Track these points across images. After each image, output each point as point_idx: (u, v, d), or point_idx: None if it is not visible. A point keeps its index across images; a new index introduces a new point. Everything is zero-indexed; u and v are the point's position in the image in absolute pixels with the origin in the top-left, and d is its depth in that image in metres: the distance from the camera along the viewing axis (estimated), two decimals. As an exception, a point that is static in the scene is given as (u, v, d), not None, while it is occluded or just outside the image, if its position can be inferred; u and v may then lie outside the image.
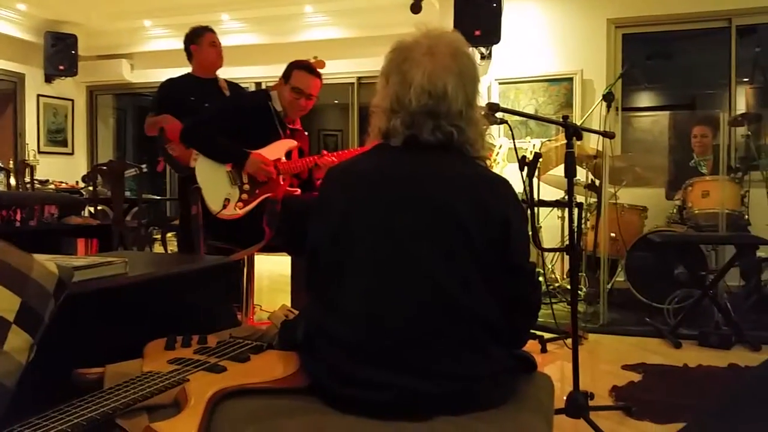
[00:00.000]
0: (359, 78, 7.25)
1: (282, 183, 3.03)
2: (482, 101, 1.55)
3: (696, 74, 7.24)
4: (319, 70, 3.22)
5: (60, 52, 7.57)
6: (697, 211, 4.25)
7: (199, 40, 3.73)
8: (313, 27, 7.15)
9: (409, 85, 1.28)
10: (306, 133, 3.32)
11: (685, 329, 3.63)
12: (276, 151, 3.05)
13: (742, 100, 5.48)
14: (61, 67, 7.61)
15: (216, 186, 2.95)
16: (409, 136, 1.30)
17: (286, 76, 3.10)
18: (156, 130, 3.59)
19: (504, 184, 1.33)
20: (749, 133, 4.47)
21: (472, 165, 1.33)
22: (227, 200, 2.92)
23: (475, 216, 1.22)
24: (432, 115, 1.28)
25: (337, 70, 7.09)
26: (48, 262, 1.21)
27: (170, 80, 3.80)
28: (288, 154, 3.10)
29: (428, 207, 1.24)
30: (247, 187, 2.97)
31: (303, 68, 3.08)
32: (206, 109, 3.41)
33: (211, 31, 3.80)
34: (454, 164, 1.30)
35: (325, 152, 3.14)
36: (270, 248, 3.01)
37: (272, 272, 5.21)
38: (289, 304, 2.74)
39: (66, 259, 1.50)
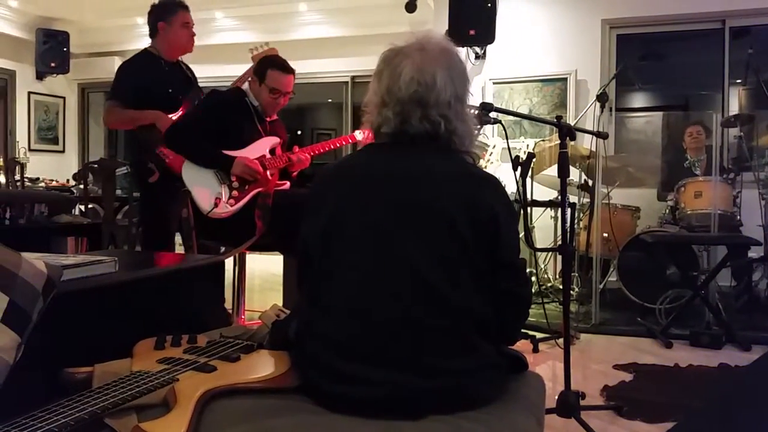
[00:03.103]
0: (353, 77, 7.24)
1: (270, 178, 3.03)
2: (476, 101, 1.57)
3: (689, 75, 7.26)
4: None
5: (52, 49, 7.53)
6: (689, 212, 4.26)
7: (171, 18, 3.27)
8: (307, 25, 7.13)
9: (399, 75, 1.32)
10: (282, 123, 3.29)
11: (676, 329, 3.65)
12: (260, 149, 3.05)
13: (735, 101, 5.50)
14: (53, 65, 7.57)
15: (204, 186, 2.93)
16: (399, 126, 1.32)
17: (260, 75, 3.02)
18: (131, 125, 3.27)
19: (492, 180, 1.34)
20: (742, 134, 4.49)
21: (460, 162, 1.35)
22: (218, 199, 2.91)
23: (463, 212, 1.23)
24: (421, 104, 1.31)
25: (331, 68, 7.09)
26: (37, 261, 1.20)
27: (131, 63, 3.37)
28: (272, 150, 3.10)
29: (417, 203, 1.25)
30: (236, 184, 2.96)
31: (277, 67, 3.02)
32: (186, 112, 3.22)
33: (186, 8, 3.35)
34: (443, 161, 1.32)
35: (296, 148, 3.13)
36: (261, 247, 3.00)
37: (264, 271, 5.19)
38: (280, 303, 2.73)
39: (55, 257, 1.49)
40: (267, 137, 3.10)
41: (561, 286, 2.89)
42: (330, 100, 8.93)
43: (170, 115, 3.23)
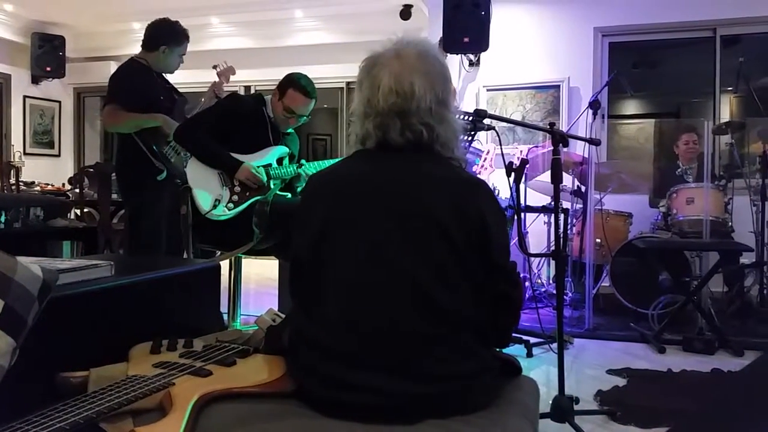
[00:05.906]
0: (348, 83, 7.26)
1: (272, 187, 3.04)
2: (470, 108, 1.57)
3: (681, 83, 7.32)
4: (231, 77, 3.39)
5: (47, 53, 7.52)
6: (681, 218, 4.29)
7: (175, 48, 3.45)
8: (302, 32, 7.15)
9: (377, 87, 1.31)
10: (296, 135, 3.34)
11: (669, 334, 3.66)
12: (267, 157, 3.06)
13: (726, 108, 5.55)
14: (48, 69, 7.56)
15: (206, 186, 2.95)
16: (382, 138, 1.32)
17: (282, 91, 3.05)
18: (135, 128, 3.27)
19: (479, 184, 1.34)
20: (733, 141, 4.53)
21: (447, 167, 1.34)
22: (217, 201, 2.92)
23: (453, 217, 1.23)
24: (401, 115, 1.30)
25: (326, 74, 7.10)
26: (32, 265, 1.20)
27: (126, 69, 3.48)
28: (279, 161, 3.12)
29: (406, 210, 1.25)
30: (238, 189, 2.97)
31: (299, 89, 3.03)
32: (204, 111, 3.25)
33: (188, 40, 3.56)
34: (429, 166, 1.31)
35: (304, 161, 3.17)
36: (258, 251, 3.01)
37: (260, 275, 5.19)
38: (276, 307, 2.73)
39: (51, 261, 1.49)
40: (276, 147, 3.12)
41: (554, 291, 2.90)
42: (325, 106, 8.95)
43: None
